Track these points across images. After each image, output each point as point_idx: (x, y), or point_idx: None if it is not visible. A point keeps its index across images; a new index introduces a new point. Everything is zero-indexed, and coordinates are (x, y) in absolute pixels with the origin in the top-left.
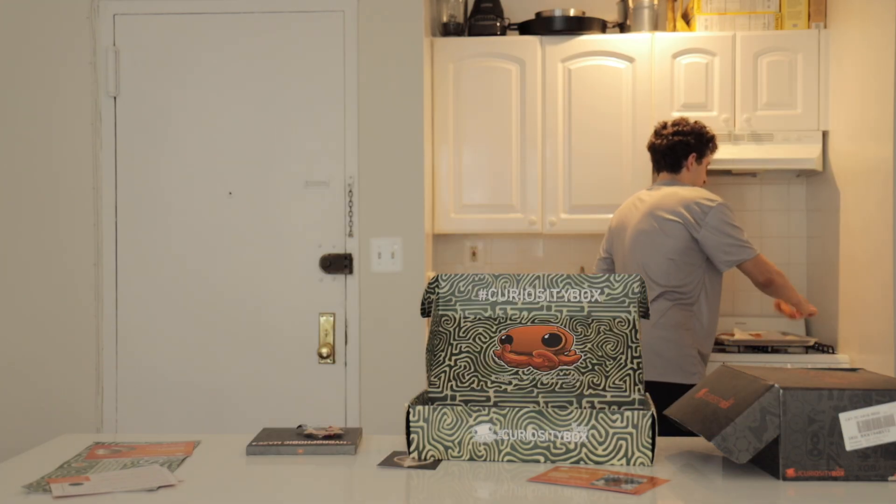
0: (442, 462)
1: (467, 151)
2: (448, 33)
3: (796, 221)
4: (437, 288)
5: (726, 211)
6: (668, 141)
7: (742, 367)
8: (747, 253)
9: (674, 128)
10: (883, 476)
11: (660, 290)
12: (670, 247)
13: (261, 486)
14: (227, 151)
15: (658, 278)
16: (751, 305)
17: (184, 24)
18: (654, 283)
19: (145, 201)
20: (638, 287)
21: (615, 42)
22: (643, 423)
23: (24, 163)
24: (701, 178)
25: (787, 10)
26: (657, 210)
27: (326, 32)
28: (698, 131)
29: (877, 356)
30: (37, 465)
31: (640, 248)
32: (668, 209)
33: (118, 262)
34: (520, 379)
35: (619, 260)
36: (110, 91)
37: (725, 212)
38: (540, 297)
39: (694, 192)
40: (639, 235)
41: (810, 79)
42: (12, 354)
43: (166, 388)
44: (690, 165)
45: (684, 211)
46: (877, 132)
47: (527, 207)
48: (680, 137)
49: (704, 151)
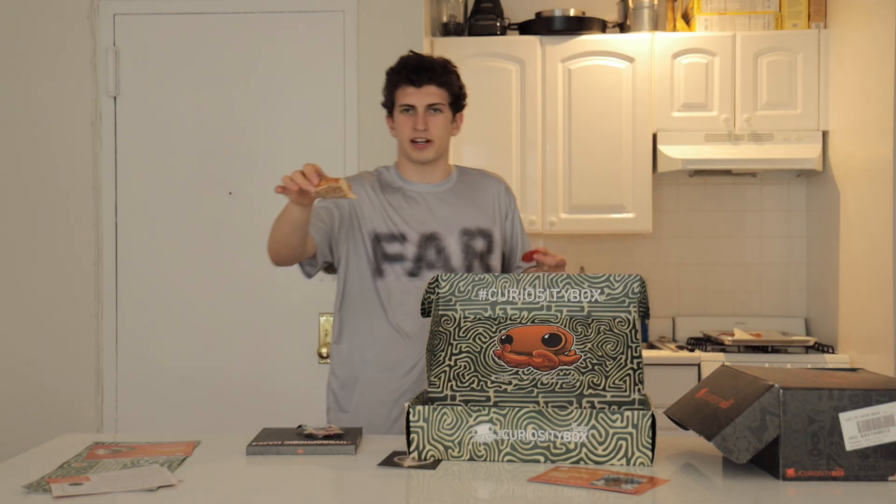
0: (442, 462)
1: (467, 151)
2: (448, 33)
3: (796, 221)
4: (437, 288)
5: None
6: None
7: (742, 367)
8: None
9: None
10: (883, 476)
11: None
12: None
13: (261, 486)
14: (227, 151)
15: None
16: (751, 305)
17: (184, 24)
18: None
19: (145, 201)
20: (638, 287)
21: (615, 42)
22: (643, 423)
23: (25, 163)
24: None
25: (787, 10)
26: None
27: (326, 32)
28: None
29: (877, 356)
30: (37, 465)
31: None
32: None
33: (118, 262)
34: (520, 379)
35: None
36: (110, 91)
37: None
38: (540, 297)
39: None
40: None
41: (810, 79)
42: (12, 354)
43: (166, 389)
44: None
45: None
46: (877, 132)
47: (527, 207)
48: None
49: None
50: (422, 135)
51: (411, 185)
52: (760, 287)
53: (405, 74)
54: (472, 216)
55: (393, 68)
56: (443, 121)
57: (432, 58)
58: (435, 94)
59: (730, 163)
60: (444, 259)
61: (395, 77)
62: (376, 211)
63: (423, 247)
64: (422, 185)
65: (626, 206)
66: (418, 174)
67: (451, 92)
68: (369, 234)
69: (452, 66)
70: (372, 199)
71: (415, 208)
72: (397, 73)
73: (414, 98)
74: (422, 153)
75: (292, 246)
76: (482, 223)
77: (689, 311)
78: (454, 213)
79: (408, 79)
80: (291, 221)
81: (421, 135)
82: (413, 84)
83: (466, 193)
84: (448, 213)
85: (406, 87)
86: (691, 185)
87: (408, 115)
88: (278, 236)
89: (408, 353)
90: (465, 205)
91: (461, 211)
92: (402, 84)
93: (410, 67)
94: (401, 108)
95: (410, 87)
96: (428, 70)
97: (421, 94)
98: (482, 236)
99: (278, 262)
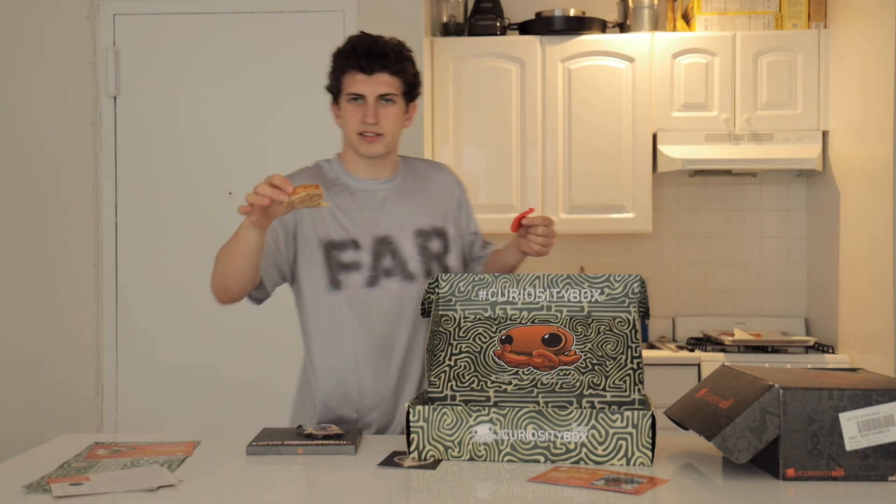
0: (442, 462)
1: (467, 151)
2: (448, 33)
3: (796, 221)
4: (437, 288)
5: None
6: None
7: (742, 367)
8: None
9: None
10: (883, 476)
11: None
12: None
13: (261, 486)
14: (227, 151)
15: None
16: (751, 305)
17: (184, 24)
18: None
19: (145, 201)
20: (638, 287)
21: (615, 42)
22: (643, 423)
23: (25, 162)
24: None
25: (787, 10)
26: None
27: (326, 32)
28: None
29: (877, 356)
30: (37, 465)
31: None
32: None
33: (118, 262)
34: (520, 379)
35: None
36: (110, 91)
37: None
38: (540, 297)
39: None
40: None
41: (810, 79)
42: (12, 354)
43: (166, 388)
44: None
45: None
46: (877, 132)
47: (527, 207)
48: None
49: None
50: (372, 128)
51: (359, 181)
52: (760, 287)
53: (354, 60)
54: (425, 214)
55: (341, 51)
56: (395, 112)
57: (385, 40)
58: (387, 82)
59: (730, 163)
60: (401, 264)
61: (344, 61)
62: (324, 216)
63: (378, 252)
64: (370, 182)
65: (626, 206)
66: (366, 169)
67: (405, 80)
68: (320, 244)
69: (407, 50)
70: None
71: (365, 209)
72: (346, 58)
73: (364, 87)
74: (371, 147)
75: (246, 279)
76: (436, 221)
77: (689, 311)
78: (406, 213)
79: (357, 65)
80: (246, 249)
81: (371, 128)
82: (363, 71)
83: (417, 189)
84: (400, 213)
85: (355, 74)
86: (691, 185)
87: (356, 106)
88: (230, 270)
89: (371, 370)
90: (416, 203)
91: (413, 210)
92: (351, 70)
93: (361, 52)
94: (349, 96)
95: (360, 75)
96: (380, 56)
97: (372, 83)
98: (437, 236)
99: (227, 299)
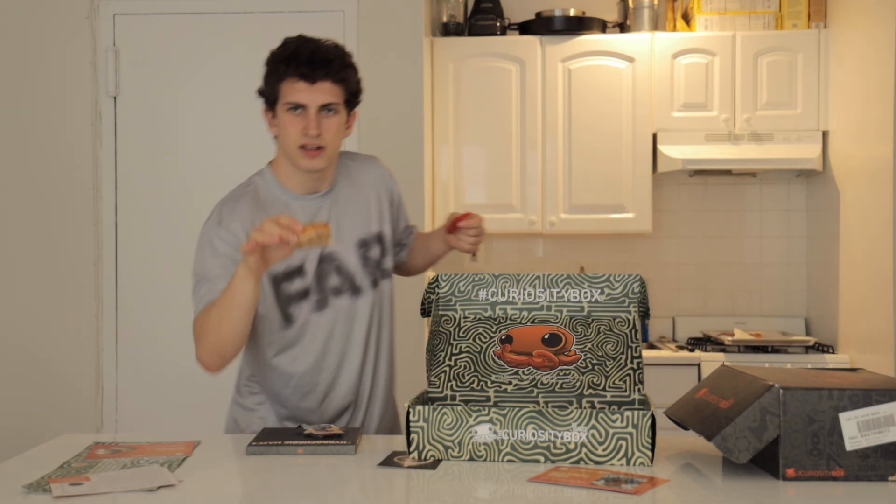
0: (442, 462)
1: (467, 151)
2: (448, 33)
3: (796, 221)
4: (437, 288)
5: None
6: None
7: (742, 367)
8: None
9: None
10: (883, 476)
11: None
12: None
13: (261, 487)
14: (227, 151)
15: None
16: (751, 305)
17: (184, 24)
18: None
19: (145, 201)
20: (638, 287)
21: (615, 42)
22: (643, 423)
23: (25, 163)
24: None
25: (787, 10)
26: None
27: (326, 32)
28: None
29: (877, 356)
30: (37, 465)
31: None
32: None
33: (118, 262)
34: (520, 379)
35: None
36: (110, 91)
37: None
38: (540, 297)
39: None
40: None
41: (810, 79)
42: (12, 354)
43: (166, 388)
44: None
45: None
46: (877, 132)
47: (527, 207)
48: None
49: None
50: (314, 140)
51: (298, 199)
52: (760, 287)
53: (295, 66)
54: (365, 222)
55: (278, 56)
56: (337, 123)
57: (328, 46)
58: (330, 91)
59: (730, 163)
60: (347, 279)
61: (283, 68)
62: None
63: (322, 272)
64: (308, 199)
65: (626, 206)
66: (304, 185)
67: (347, 89)
68: (269, 277)
69: (349, 56)
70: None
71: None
72: (285, 64)
73: (305, 96)
74: (312, 161)
75: (244, 335)
76: (375, 227)
77: (689, 311)
78: (347, 224)
79: (298, 72)
80: (243, 302)
81: (313, 140)
82: (305, 79)
83: (353, 196)
84: (341, 226)
85: (296, 82)
86: (691, 185)
87: (296, 116)
88: (225, 330)
89: (327, 384)
90: (355, 210)
91: (353, 219)
92: (291, 77)
93: (302, 59)
94: (287, 105)
95: (301, 83)
96: (323, 63)
97: (314, 93)
98: (377, 242)
99: (221, 365)
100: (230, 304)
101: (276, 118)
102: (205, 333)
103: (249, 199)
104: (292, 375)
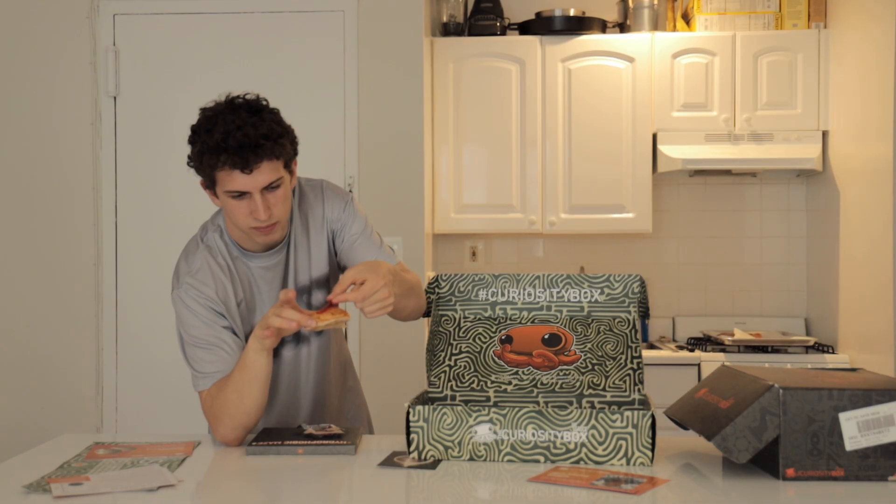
0: (442, 462)
1: (467, 151)
2: (448, 33)
3: (796, 221)
4: (437, 288)
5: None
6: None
7: (742, 367)
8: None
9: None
10: (883, 476)
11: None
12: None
13: (261, 487)
14: None
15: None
16: (751, 305)
17: (184, 24)
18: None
19: (145, 201)
20: (638, 287)
21: (615, 42)
22: (643, 423)
23: (25, 163)
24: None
25: (787, 10)
26: None
27: (326, 32)
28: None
29: (877, 356)
30: (37, 465)
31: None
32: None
33: (118, 262)
34: (520, 379)
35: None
36: (110, 91)
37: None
38: (540, 297)
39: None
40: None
41: (810, 79)
42: (12, 354)
43: (166, 388)
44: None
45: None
46: (877, 132)
47: (527, 207)
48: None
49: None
50: (265, 222)
51: (256, 258)
52: (760, 287)
53: (227, 157)
54: (317, 263)
55: (206, 144)
56: (284, 193)
57: (254, 125)
58: (270, 171)
59: (730, 163)
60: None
61: (213, 158)
62: (238, 315)
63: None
64: (265, 257)
65: (626, 206)
66: (260, 244)
67: (285, 157)
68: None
69: (278, 122)
70: (230, 298)
71: (270, 288)
72: (214, 154)
73: (246, 183)
74: (268, 237)
75: (265, 403)
76: (324, 268)
77: (689, 311)
78: (301, 268)
79: (230, 162)
80: (259, 374)
81: (264, 222)
82: (240, 169)
83: (305, 239)
84: (298, 270)
85: (231, 172)
86: (691, 185)
87: (241, 201)
88: (248, 403)
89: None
90: (305, 252)
91: (304, 264)
92: (225, 168)
93: (232, 148)
94: (229, 193)
95: (237, 172)
96: (255, 149)
97: (254, 179)
98: (325, 285)
99: (243, 437)
100: (248, 378)
101: (219, 199)
102: (225, 411)
103: (204, 257)
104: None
